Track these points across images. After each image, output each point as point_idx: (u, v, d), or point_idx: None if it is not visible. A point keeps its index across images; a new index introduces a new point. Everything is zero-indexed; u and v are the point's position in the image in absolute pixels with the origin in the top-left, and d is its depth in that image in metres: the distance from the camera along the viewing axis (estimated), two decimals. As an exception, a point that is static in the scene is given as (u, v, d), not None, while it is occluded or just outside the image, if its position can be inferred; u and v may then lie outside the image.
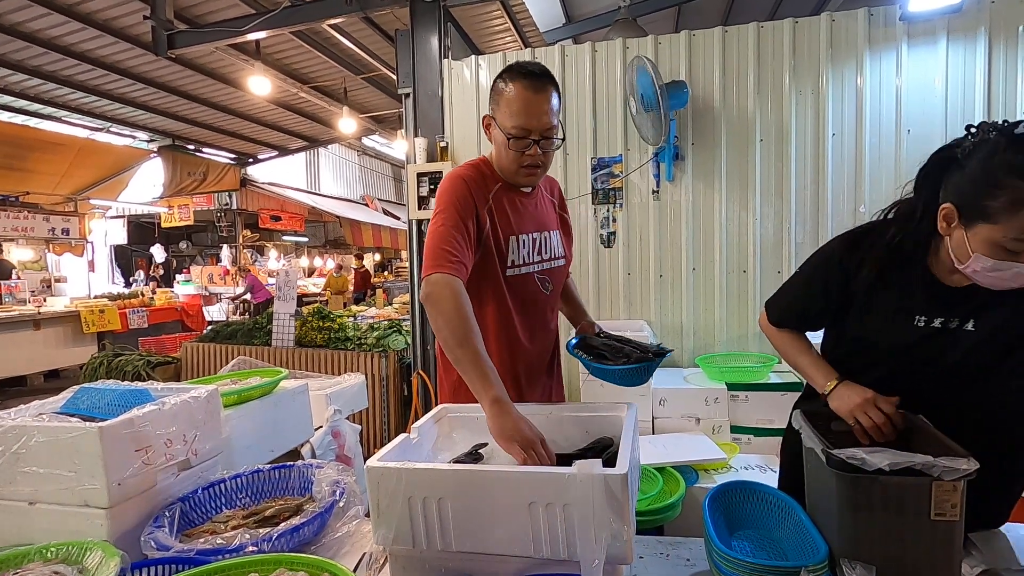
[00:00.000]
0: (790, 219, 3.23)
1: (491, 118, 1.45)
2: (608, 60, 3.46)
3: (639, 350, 1.45)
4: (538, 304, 1.56)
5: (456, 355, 1.20)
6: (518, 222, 1.49)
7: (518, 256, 1.49)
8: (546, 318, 1.61)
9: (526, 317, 1.53)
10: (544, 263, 1.56)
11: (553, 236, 1.60)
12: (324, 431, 2.38)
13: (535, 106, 1.35)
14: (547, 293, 1.57)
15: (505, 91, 1.38)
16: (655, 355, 1.44)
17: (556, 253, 1.60)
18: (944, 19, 2.97)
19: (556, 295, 1.63)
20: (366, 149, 15.07)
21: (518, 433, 1.05)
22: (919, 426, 1.13)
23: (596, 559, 0.84)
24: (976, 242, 1.01)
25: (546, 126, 1.38)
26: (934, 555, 0.93)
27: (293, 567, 0.95)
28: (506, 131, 1.39)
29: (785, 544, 1.13)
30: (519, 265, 1.50)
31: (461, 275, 1.30)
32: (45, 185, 8.15)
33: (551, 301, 1.61)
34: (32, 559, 0.97)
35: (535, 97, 1.35)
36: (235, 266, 11.26)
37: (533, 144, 1.38)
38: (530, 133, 1.37)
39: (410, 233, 3.98)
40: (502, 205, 1.48)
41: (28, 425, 1.13)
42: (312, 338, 4.72)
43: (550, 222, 1.61)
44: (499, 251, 1.46)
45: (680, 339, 3.42)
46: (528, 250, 1.51)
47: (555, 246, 1.60)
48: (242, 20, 4.85)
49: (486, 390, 1.13)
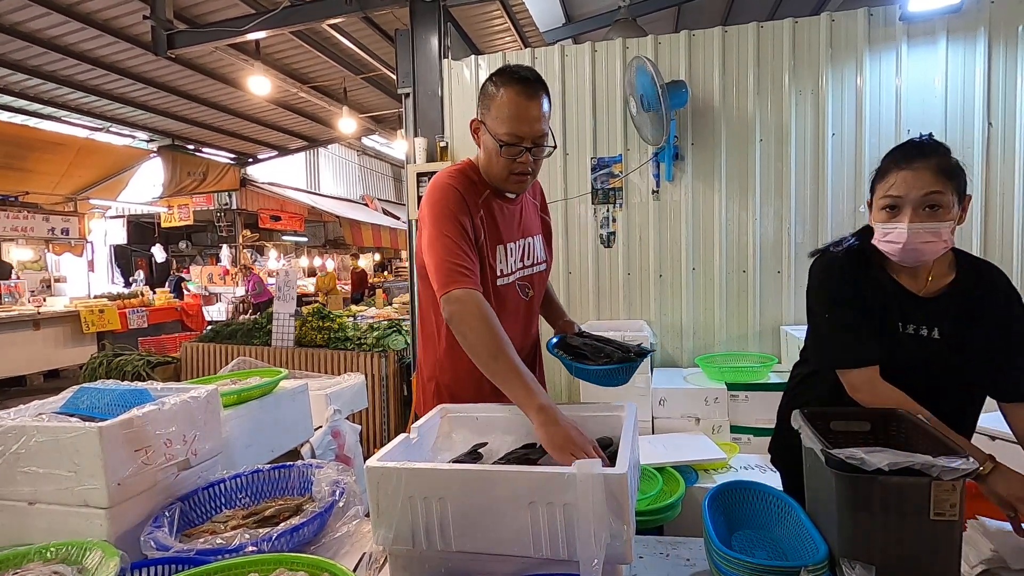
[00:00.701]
0: (790, 219, 3.23)
1: (480, 122, 1.40)
2: (608, 60, 3.46)
3: (620, 350, 1.43)
4: (520, 311, 1.53)
5: (492, 369, 1.20)
6: (505, 230, 1.46)
7: (506, 265, 1.45)
8: (527, 323, 1.58)
9: (507, 325, 1.37)
10: (526, 270, 1.54)
11: (536, 241, 1.58)
12: (324, 431, 2.37)
13: (527, 113, 1.31)
14: (527, 299, 1.55)
15: (496, 96, 1.34)
16: (636, 355, 1.41)
17: (538, 258, 1.58)
18: (944, 19, 2.97)
19: (537, 300, 1.60)
20: (366, 149, 15.06)
21: (569, 442, 1.02)
22: (919, 425, 1.13)
23: (596, 559, 0.84)
24: (874, 214, 1.26)
25: (538, 133, 1.34)
26: (934, 555, 0.93)
27: (293, 567, 0.95)
28: (497, 138, 1.34)
29: (785, 544, 1.13)
30: (507, 275, 1.47)
31: (479, 287, 1.29)
32: (45, 185, 8.15)
33: (532, 306, 1.58)
34: (32, 559, 0.97)
35: (527, 104, 1.31)
36: (235, 266, 11.25)
37: (525, 152, 1.34)
38: (522, 140, 1.33)
39: (410, 233, 3.98)
40: (491, 213, 1.44)
41: (28, 425, 1.13)
42: (312, 338, 4.72)
43: (533, 227, 1.58)
44: (489, 262, 1.41)
45: (680, 339, 3.42)
46: (514, 258, 1.49)
47: (537, 252, 1.58)
48: (242, 20, 4.85)
49: (530, 399, 1.12)
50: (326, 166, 14.50)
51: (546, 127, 1.36)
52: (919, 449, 0.96)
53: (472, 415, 1.35)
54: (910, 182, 1.17)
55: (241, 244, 11.33)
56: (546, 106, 1.35)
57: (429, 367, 1.54)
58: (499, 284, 1.44)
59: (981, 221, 2.99)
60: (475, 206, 1.40)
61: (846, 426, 1.19)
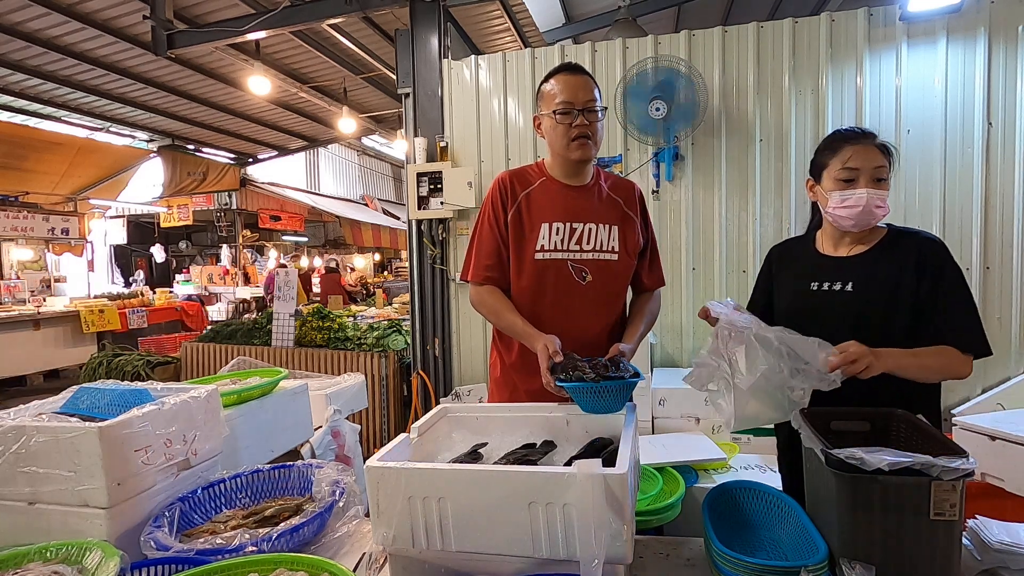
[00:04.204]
0: (790, 219, 3.23)
1: (540, 116, 1.60)
2: (608, 60, 3.46)
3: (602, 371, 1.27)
4: (572, 292, 1.57)
5: (503, 326, 1.60)
6: (557, 211, 1.59)
7: (548, 242, 1.57)
8: (583, 309, 1.58)
9: (557, 302, 1.57)
10: (584, 253, 1.58)
11: (602, 229, 1.59)
12: (324, 431, 2.38)
13: (575, 85, 1.52)
14: (583, 283, 1.57)
15: (547, 86, 1.57)
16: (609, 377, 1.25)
17: (602, 245, 1.59)
18: (944, 19, 2.97)
19: (602, 289, 1.58)
20: (366, 149, 15.05)
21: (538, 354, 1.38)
22: (919, 425, 1.13)
23: (596, 559, 0.84)
24: (826, 185, 1.40)
25: (587, 98, 1.51)
26: (933, 555, 0.93)
27: (293, 567, 0.95)
28: (553, 109, 1.53)
29: (785, 544, 1.13)
30: (548, 250, 1.57)
31: (491, 281, 1.62)
32: (44, 185, 8.14)
33: (591, 293, 1.58)
34: (32, 559, 0.97)
35: (574, 79, 1.53)
36: (235, 266, 11.24)
37: (579, 114, 1.51)
38: (573, 105, 1.51)
39: (410, 233, 3.98)
40: (541, 195, 1.61)
41: (28, 425, 1.13)
42: (312, 338, 4.72)
43: (604, 216, 1.60)
44: (527, 236, 1.59)
45: (680, 339, 3.42)
46: (560, 237, 1.57)
47: (602, 238, 1.59)
48: (242, 20, 4.85)
49: (528, 336, 1.48)
50: (326, 166, 14.49)
51: (596, 95, 1.54)
52: (919, 449, 0.96)
53: (472, 415, 1.35)
54: (864, 155, 1.34)
55: (241, 244, 11.31)
56: (593, 84, 1.55)
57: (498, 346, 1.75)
58: (537, 258, 1.58)
59: (981, 221, 2.99)
60: (520, 190, 1.62)
61: (846, 426, 1.19)
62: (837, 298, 1.39)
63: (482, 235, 1.64)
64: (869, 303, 1.35)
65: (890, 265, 1.36)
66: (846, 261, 1.42)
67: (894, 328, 1.33)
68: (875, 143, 1.35)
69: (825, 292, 1.41)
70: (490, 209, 1.63)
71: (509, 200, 1.61)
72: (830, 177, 1.38)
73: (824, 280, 1.43)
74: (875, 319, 1.34)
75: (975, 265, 2.97)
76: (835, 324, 1.35)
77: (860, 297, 1.37)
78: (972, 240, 3.00)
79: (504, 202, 1.61)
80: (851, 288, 1.38)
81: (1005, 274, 2.95)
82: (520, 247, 1.59)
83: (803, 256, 1.52)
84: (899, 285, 1.33)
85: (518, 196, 1.61)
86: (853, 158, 1.34)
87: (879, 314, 1.34)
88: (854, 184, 1.34)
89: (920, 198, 3.06)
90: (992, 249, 2.99)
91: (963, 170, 3.01)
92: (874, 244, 1.40)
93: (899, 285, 1.33)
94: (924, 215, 3.04)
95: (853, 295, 1.37)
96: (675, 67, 3.19)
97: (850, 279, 1.39)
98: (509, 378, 1.66)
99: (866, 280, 1.37)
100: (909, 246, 1.36)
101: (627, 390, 1.25)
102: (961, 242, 2.99)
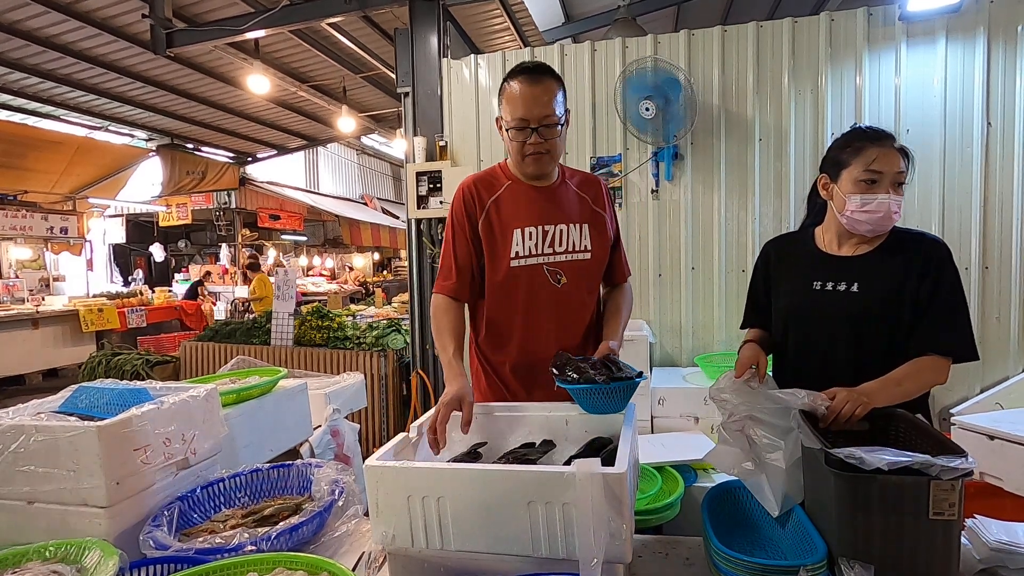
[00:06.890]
0: (789, 219, 3.23)
1: (500, 119, 1.54)
2: (608, 59, 3.46)
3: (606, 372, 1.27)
4: (552, 298, 1.55)
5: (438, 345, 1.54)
6: (526, 215, 1.55)
7: (522, 248, 1.54)
8: (563, 312, 1.57)
9: (533, 307, 1.55)
10: (556, 256, 1.55)
11: (572, 229, 1.57)
12: (323, 430, 2.37)
13: (531, 98, 1.44)
14: (558, 286, 1.55)
15: (506, 90, 1.50)
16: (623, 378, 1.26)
17: (574, 246, 1.57)
18: (943, 19, 2.97)
19: (576, 290, 1.58)
20: (365, 148, 15.03)
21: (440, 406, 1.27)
22: (918, 425, 1.13)
23: (595, 558, 0.84)
24: (844, 187, 1.35)
25: (543, 115, 1.45)
26: (932, 554, 0.93)
27: (292, 566, 0.95)
28: (507, 125, 1.49)
29: (784, 543, 1.13)
30: (524, 256, 1.54)
31: (449, 292, 1.58)
32: (43, 184, 8.13)
33: (566, 295, 1.56)
34: (31, 558, 0.97)
35: (531, 90, 1.45)
36: (234, 265, 11.22)
37: (532, 132, 1.46)
38: (528, 123, 1.46)
39: (409, 232, 3.98)
40: (509, 200, 1.57)
41: (27, 424, 1.13)
42: (311, 337, 4.72)
43: (572, 216, 1.59)
44: (501, 244, 1.55)
45: (679, 338, 3.42)
46: (533, 242, 1.54)
47: (573, 239, 1.57)
48: (241, 19, 4.84)
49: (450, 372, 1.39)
50: (325, 165, 14.47)
51: (555, 109, 1.46)
52: (918, 449, 0.96)
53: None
54: (888, 159, 1.31)
55: (240, 243, 11.31)
56: (555, 90, 1.47)
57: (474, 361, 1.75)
58: (512, 265, 1.54)
59: (980, 221, 2.99)
60: (487, 196, 1.58)
61: (846, 426, 1.19)
62: (841, 298, 1.38)
63: (446, 246, 1.61)
64: (874, 304, 1.34)
65: (895, 266, 1.35)
66: (850, 261, 1.40)
67: (896, 329, 1.33)
68: (896, 146, 1.33)
69: (829, 292, 1.39)
70: (455, 220, 1.59)
71: (477, 208, 1.57)
72: (851, 178, 1.34)
73: (828, 280, 1.41)
74: (878, 320, 1.34)
75: (974, 265, 2.97)
76: (838, 324, 1.36)
77: (865, 298, 1.35)
78: (971, 240, 3.00)
79: (471, 212, 1.57)
80: (856, 289, 1.36)
81: (1004, 274, 2.95)
82: (494, 254, 1.56)
83: (804, 254, 1.50)
84: (903, 287, 1.32)
85: (486, 203, 1.57)
86: (878, 161, 1.30)
87: (883, 315, 1.33)
88: (875, 187, 1.31)
89: (919, 198, 3.06)
90: (991, 249, 2.99)
91: (962, 170, 3.01)
92: (878, 244, 1.39)
93: (903, 287, 1.32)
94: (923, 215, 3.04)
95: (858, 295, 1.36)
96: (672, 73, 3.17)
97: (855, 279, 1.37)
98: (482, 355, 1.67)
99: (871, 281, 1.36)
100: (914, 248, 1.35)
101: (633, 390, 1.26)
102: (960, 242, 2.99)
